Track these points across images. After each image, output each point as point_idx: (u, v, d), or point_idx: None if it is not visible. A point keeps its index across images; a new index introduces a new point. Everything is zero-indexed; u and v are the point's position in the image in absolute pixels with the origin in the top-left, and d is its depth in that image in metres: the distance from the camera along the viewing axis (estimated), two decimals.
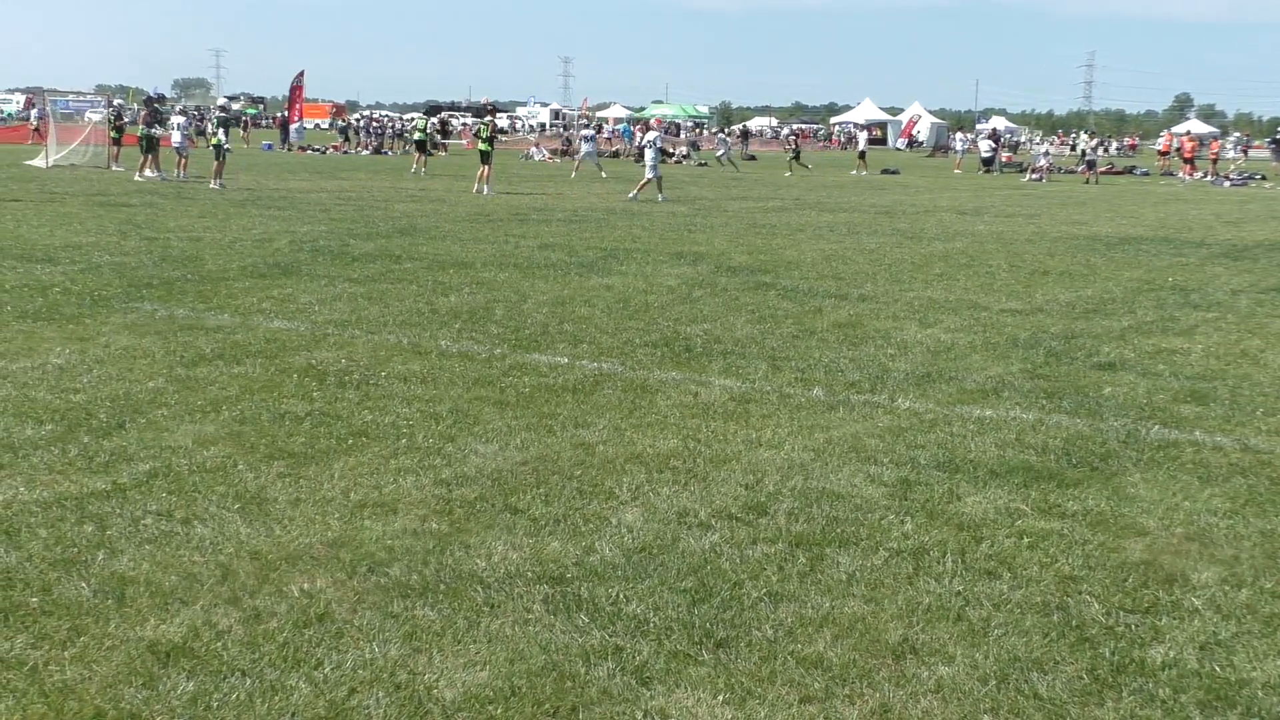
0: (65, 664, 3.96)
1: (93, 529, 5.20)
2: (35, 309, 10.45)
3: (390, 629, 4.33)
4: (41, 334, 9.36)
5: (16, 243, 15.46)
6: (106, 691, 3.80)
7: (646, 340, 10.04)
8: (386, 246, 16.63)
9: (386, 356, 8.98)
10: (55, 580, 4.63)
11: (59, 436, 6.55)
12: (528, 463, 6.42)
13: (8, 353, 8.60)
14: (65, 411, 7.05)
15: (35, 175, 30.28)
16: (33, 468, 6.00)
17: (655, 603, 4.64)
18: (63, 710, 3.67)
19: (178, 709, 3.72)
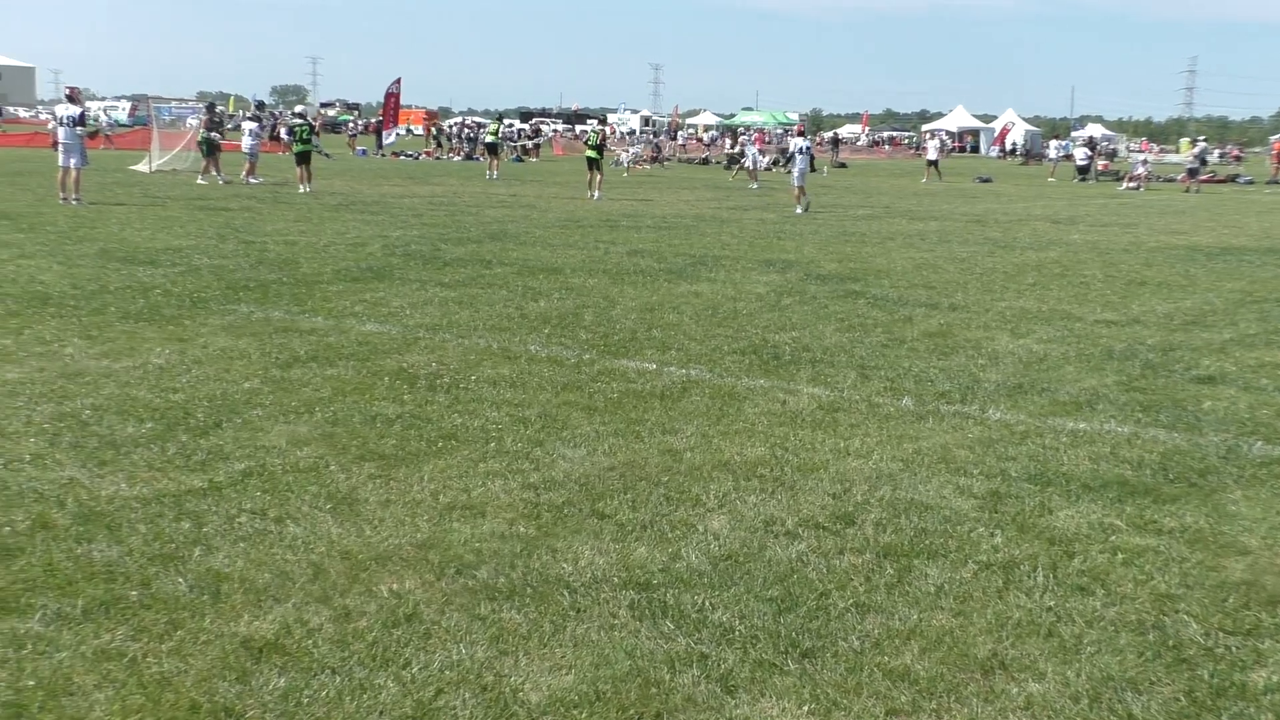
0: (163, 657, 4.05)
1: (190, 526, 5.30)
2: (137, 310, 10.69)
3: (477, 631, 4.36)
4: (143, 334, 9.57)
5: (121, 245, 15.82)
6: (202, 685, 3.87)
7: (735, 347, 10.02)
8: (477, 251, 16.78)
9: (476, 360, 9.05)
10: (154, 575, 4.73)
11: (159, 435, 6.69)
12: (615, 468, 6.43)
13: (111, 352, 8.80)
14: (165, 410, 7.20)
15: (139, 180, 30.99)
16: (133, 465, 6.14)
17: (741, 611, 4.63)
18: (160, 702, 3.75)
19: (269, 704, 3.78)
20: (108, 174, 31.34)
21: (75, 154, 22.22)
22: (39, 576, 4.66)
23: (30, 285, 11.89)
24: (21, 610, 4.35)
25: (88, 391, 7.56)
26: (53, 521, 5.26)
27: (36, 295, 11.26)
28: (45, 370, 8.11)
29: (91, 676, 3.88)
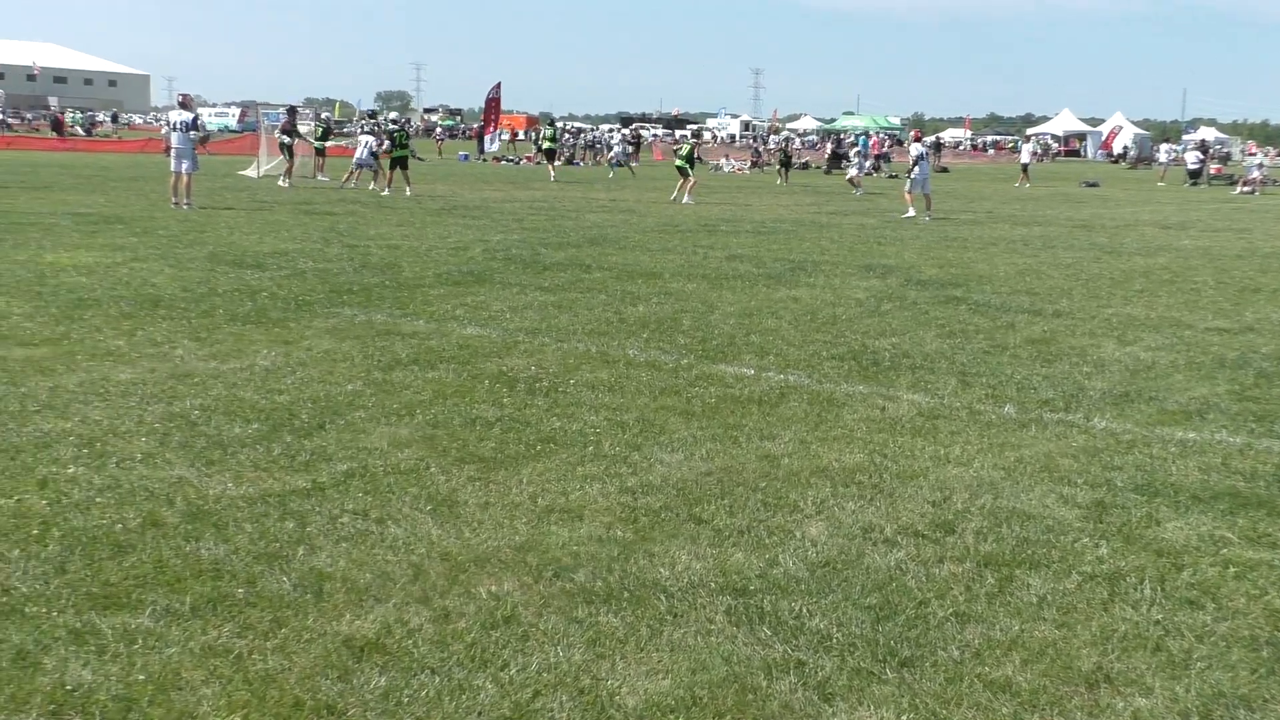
0: (267, 654, 4.12)
1: (294, 525, 5.39)
2: (245, 312, 10.91)
3: (574, 634, 4.38)
4: (250, 336, 9.76)
5: (229, 249, 16.16)
6: (305, 682, 3.93)
7: (833, 353, 9.95)
8: (577, 256, 16.87)
9: (575, 364, 9.10)
10: (259, 573, 4.82)
11: (264, 435, 6.82)
12: (712, 473, 6.42)
13: (219, 354, 8.99)
14: (270, 411, 7.33)
15: (247, 185, 31.65)
16: (240, 465, 6.26)
17: (839, 618, 4.60)
18: (264, 698, 3.82)
19: (370, 703, 3.82)
20: (217, 179, 32.05)
21: (187, 159, 22.79)
22: (149, 573, 4.77)
23: (142, 288, 12.19)
24: (132, 606, 4.45)
25: (196, 392, 7.73)
26: (162, 519, 5.38)
27: (148, 298, 11.54)
28: (156, 371, 8.31)
29: (199, 672, 3.96)
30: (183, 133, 23.10)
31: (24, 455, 6.24)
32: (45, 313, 10.48)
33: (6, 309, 10.58)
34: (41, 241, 16.17)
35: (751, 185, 41.08)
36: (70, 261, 14.13)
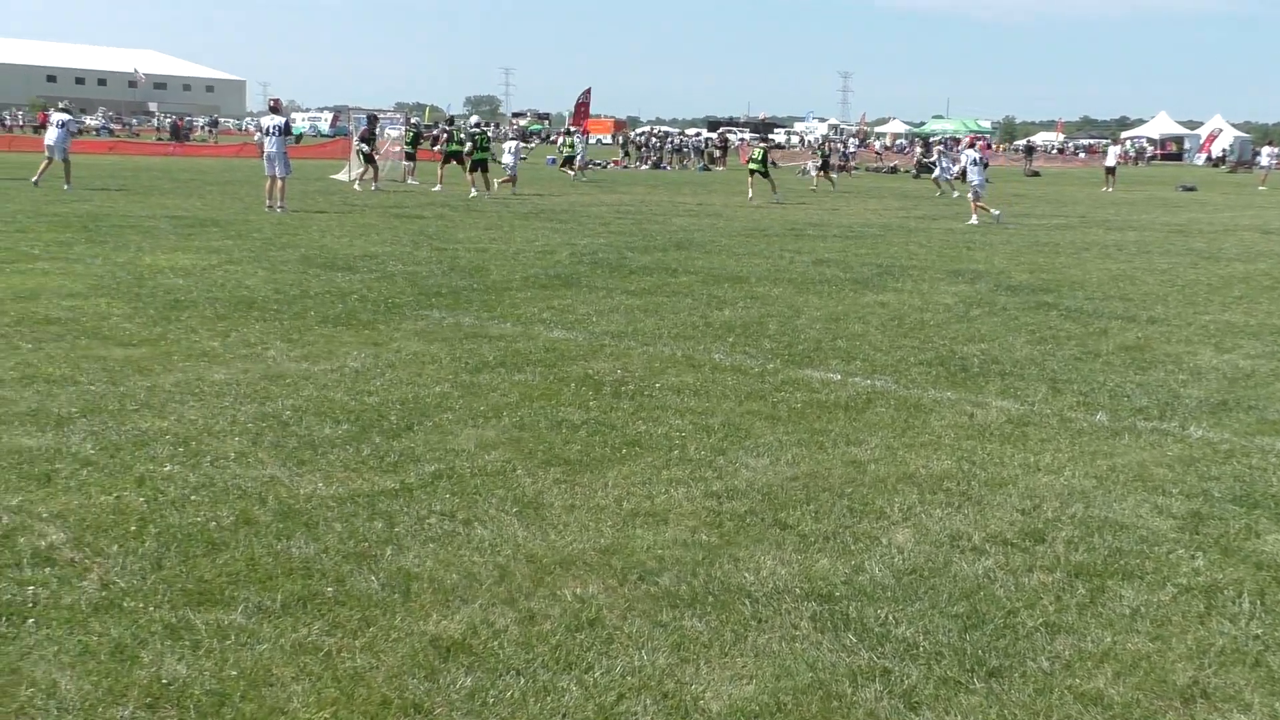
0: (356, 652, 4.17)
1: (382, 525, 5.45)
2: (335, 314, 11.06)
3: (659, 637, 4.38)
4: (340, 338, 9.90)
5: (321, 252, 16.40)
6: (392, 681, 3.98)
7: (921, 358, 9.86)
8: (663, 260, 16.88)
9: (661, 368, 9.11)
10: (348, 572, 4.88)
11: (354, 436, 6.91)
12: (798, 478, 6.40)
13: (310, 355, 9.13)
14: (360, 413, 7.42)
15: (338, 189, 32.09)
16: (330, 465, 6.35)
17: (925, 626, 4.55)
18: (353, 696, 3.87)
19: (456, 703, 3.86)
20: (309, 182, 32.56)
21: (279, 163, 23.17)
22: (242, 570, 4.85)
23: (237, 290, 12.41)
24: (226, 602, 4.53)
25: (288, 393, 7.85)
26: (255, 518, 5.47)
27: (242, 299, 11.75)
28: (249, 372, 8.45)
29: (289, 669, 4.02)
30: (276, 137, 23.49)
31: (123, 453, 6.38)
32: (144, 314, 10.71)
33: (107, 310, 10.83)
34: (141, 244, 16.53)
35: (839, 189, 40.80)
36: (168, 264, 14.43)
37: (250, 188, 28.42)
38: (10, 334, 9.47)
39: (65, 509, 5.47)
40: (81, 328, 9.89)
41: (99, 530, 5.23)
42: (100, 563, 4.87)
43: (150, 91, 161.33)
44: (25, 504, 5.51)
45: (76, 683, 3.86)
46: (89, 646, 4.11)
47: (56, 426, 6.82)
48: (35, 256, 14.69)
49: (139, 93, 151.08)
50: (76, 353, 8.84)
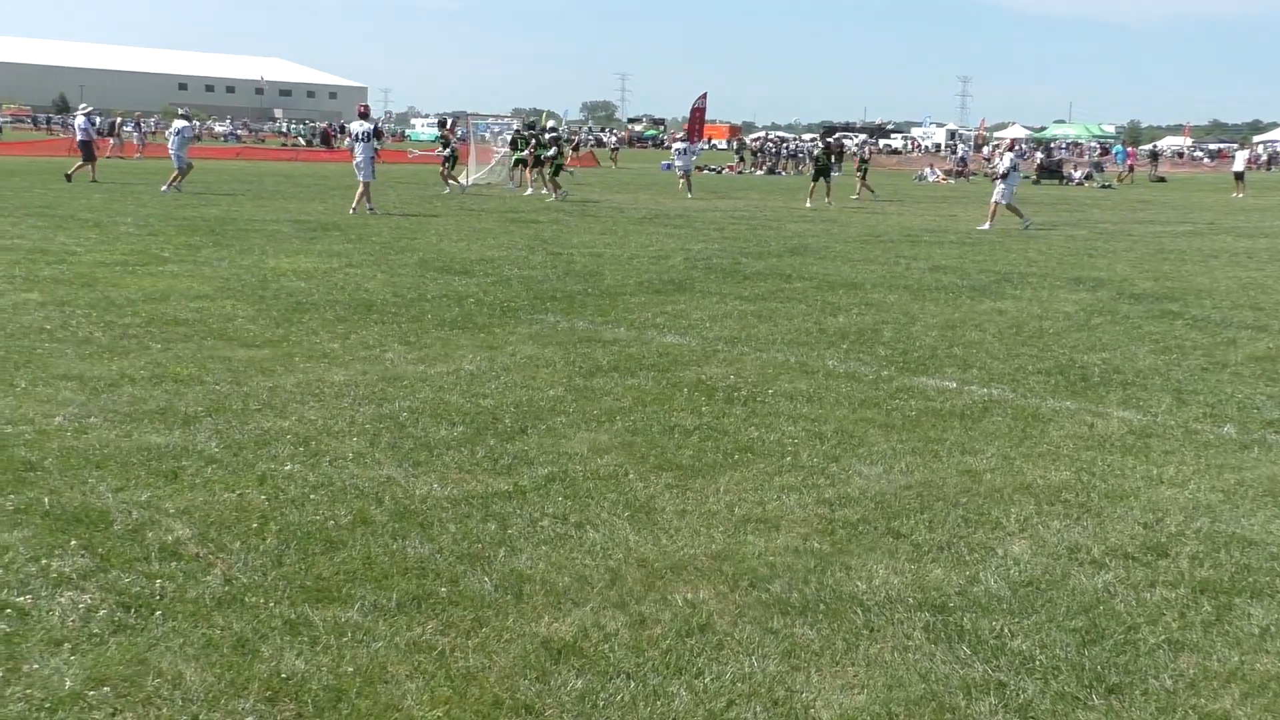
0: (469, 652, 4.22)
1: (495, 527, 5.51)
2: (452, 318, 11.21)
3: (769, 644, 4.36)
4: (457, 341, 10.03)
5: (438, 256, 16.64)
6: (504, 681, 4.01)
7: (1039, 367, 9.69)
8: (777, 265, 16.82)
9: (774, 374, 9.07)
10: (462, 573, 4.94)
11: (468, 438, 6.99)
12: (912, 487, 6.33)
13: (427, 358, 9.26)
14: (475, 415, 7.51)
15: (456, 193, 32.51)
16: (445, 466, 6.43)
17: (1042, 640, 4.47)
18: (465, 695, 3.91)
19: (567, 705, 3.88)
20: (427, 187, 33.05)
21: (366, 168, 23.85)
22: (358, 569, 4.94)
23: (356, 293, 12.64)
24: (343, 600, 4.62)
25: (405, 394, 7.97)
26: (371, 517, 5.56)
27: (361, 302, 11.96)
28: (368, 373, 8.60)
29: (404, 667, 4.08)
30: (365, 143, 23.95)
31: (245, 452, 6.53)
32: (267, 315, 10.96)
33: (233, 311, 11.11)
34: (265, 247, 16.92)
35: (956, 195, 40.33)
36: (290, 267, 14.75)
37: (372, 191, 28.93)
38: (141, 334, 9.76)
39: (191, 505, 5.62)
40: (208, 329, 10.16)
41: (222, 526, 5.36)
42: (223, 558, 4.99)
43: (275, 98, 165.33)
44: (153, 499, 5.67)
45: (200, 674, 3.96)
46: (212, 640, 4.22)
47: (183, 425, 7.01)
48: (165, 259, 15.12)
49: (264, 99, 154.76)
50: (203, 353, 9.08)
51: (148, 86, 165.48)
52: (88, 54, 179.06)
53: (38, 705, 3.72)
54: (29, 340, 9.30)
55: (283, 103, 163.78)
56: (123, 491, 5.76)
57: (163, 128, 76.24)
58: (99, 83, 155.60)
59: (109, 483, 5.88)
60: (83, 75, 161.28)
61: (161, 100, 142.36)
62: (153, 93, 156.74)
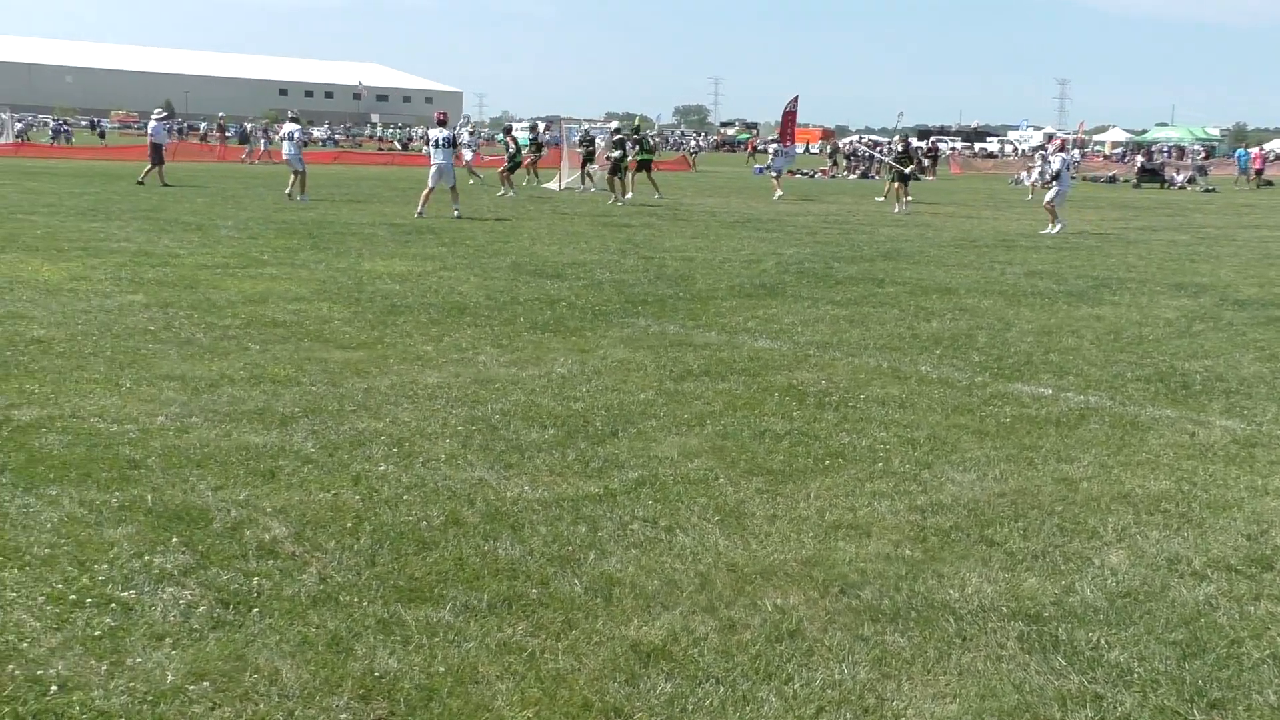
0: (558, 654, 4.24)
1: (585, 530, 5.53)
2: (544, 321, 11.28)
3: (860, 651, 4.33)
4: (548, 344, 10.09)
5: (531, 259, 16.75)
6: (593, 684, 4.03)
7: (1139, 374, 9.51)
8: (870, 270, 16.70)
9: (866, 379, 9.01)
10: (552, 575, 4.97)
11: (559, 441, 7.02)
12: (1006, 495, 6.24)
13: (519, 360, 9.32)
14: (565, 418, 7.55)
15: (548, 197, 32.72)
16: (536, 468, 6.47)
17: (1140, 652, 4.38)
18: (555, 697, 3.93)
19: (656, 708, 3.88)
20: (520, 190, 33.27)
21: (447, 174, 24.06)
22: (450, 570, 4.98)
23: (450, 296, 12.77)
24: (435, 600, 4.66)
25: (497, 397, 8.04)
26: (463, 519, 5.61)
27: (455, 305, 12.08)
28: (460, 376, 8.68)
29: (494, 667, 4.12)
30: (446, 149, 24.21)
31: (340, 452, 6.63)
32: (362, 318, 11.11)
33: (329, 313, 11.28)
34: (361, 250, 17.16)
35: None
36: (385, 269, 14.94)
37: (466, 196, 29.19)
38: (240, 336, 9.95)
39: (287, 504, 5.72)
40: (305, 330, 10.32)
41: (318, 526, 5.45)
42: (319, 557, 5.07)
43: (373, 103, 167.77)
44: (251, 498, 5.78)
45: (296, 671, 4.02)
46: (307, 637, 4.29)
47: (281, 425, 7.14)
48: (264, 262, 15.40)
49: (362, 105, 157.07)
50: (300, 354, 9.23)
51: (249, 92, 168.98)
52: (192, 61, 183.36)
53: (141, 698, 3.81)
54: (134, 341, 9.53)
55: (379, 108, 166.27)
56: (222, 490, 5.88)
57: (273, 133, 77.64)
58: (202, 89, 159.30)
59: (209, 481, 6.00)
60: (187, 82, 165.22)
61: (262, 106, 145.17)
62: (254, 99, 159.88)
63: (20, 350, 8.95)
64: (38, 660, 4.02)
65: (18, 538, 5.12)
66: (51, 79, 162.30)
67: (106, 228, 19.17)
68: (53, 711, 3.70)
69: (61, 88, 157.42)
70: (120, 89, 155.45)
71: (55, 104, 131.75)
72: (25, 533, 5.19)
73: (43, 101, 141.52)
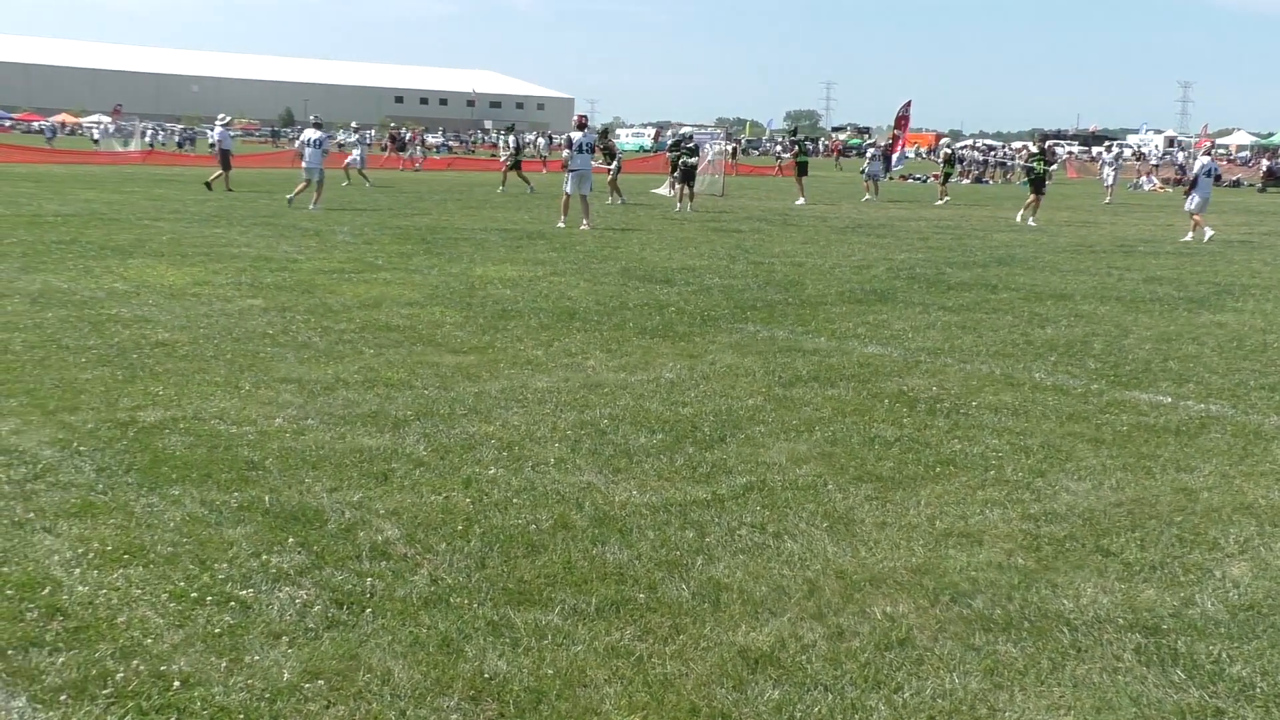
0: (666, 659, 4.25)
1: (693, 535, 5.53)
2: (653, 326, 11.31)
3: (971, 661, 4.27)
4: (657, 349, 10.11)
5: (640, 264, 16.81)
6: (701, 689, 4.03)
7: (1263, 383, 9.25)
8: (983, 275, 16.47)
9: (978, 386, 8.88)
10: (660, 580, 4.98)
11: (667, 445, 7.04)
12: (1122, 504, 6.11)
13: (628, 365, 9.36)
14: (674, 423, 7.56)
15: (659, 202, 32.77)
16: (644, 473, 6.49)
17: (1263, 666, 4.26)
18: (663, 702, 3.94)
19: (764, 715, 3.87)
20: (631, 196, 33.37)
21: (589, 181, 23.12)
22: (559, 573, 5.02)
23: (560, 301, 12.86)
24: (543, 603, 4.70)
25: (606, 401, 8.08)
26: (572, 522, 5.65)
27: (565, 310, 12.16)
28: (570, 380, 8.74)
29: (602, 671, 4.14)
30: (588, 154, 23.16)
31: (452, 456, 6.71)
32: (474, 322, 11.24)
33: (441, 318, 11.43)
34: (473, 256, 17.37)
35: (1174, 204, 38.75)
36: (497, 275, 15.10)
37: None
38: (355, 339, 10.13)
39: (400, 506, 5.80)
40: (418, 335, 10.47)
41: (429, 528, 5.52)
42: (430, 559, 5.14)
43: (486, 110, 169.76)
44: (365, 500, 5.88)
45: (408, 672, 4.08)
46: (419, 638, 4.35)
47: (394, 428, 7.25)
48: (379, 267, 15.66)
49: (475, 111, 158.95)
50: (413, 358, 9.36)
51: (366, 100, 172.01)
52: (311, 69, 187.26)
53: (258, 695, 3.89)
54: (254, 344, 9.75)
55: (492, 114, 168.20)
56: (337, 492, 5.99)
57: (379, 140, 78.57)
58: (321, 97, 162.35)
59: (324, 483, 6.12)
60: (305, 90, 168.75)
61: (379, 113, 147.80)
62: (370, 106, 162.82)
63: (146, 353, 9.21)
64: (161, 656, 4.13)
65: (143, 536, 5.27)
66: (178, 88, 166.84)
67: (228, 233, 19.65)
68: (175, 706, 3.81)
69: (188, 97, 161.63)
70: (243, 98, 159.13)
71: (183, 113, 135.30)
72: (150, 531, 5.34)
73: (170, 110, 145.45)
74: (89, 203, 26.00)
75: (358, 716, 3.80)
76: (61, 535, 5.25)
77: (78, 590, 4.66)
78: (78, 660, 4.07)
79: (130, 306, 11.57)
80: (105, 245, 17.26)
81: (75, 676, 3.95)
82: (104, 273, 14.11)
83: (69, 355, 9.02)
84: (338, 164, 36.80)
